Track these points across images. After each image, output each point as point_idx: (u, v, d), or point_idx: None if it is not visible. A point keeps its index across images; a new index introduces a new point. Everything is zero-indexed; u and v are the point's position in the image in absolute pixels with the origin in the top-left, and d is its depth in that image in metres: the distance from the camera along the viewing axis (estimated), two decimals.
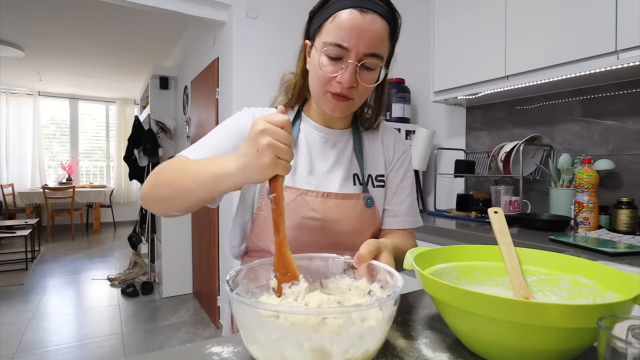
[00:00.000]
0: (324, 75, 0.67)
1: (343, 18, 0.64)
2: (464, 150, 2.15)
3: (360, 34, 0.63)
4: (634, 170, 1.49)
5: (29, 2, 3.24)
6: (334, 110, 0.71)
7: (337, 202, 0.74)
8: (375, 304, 0.40)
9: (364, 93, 0.71)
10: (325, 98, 0.70)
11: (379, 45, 0.66)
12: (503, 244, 0.60)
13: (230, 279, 0.47)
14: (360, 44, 0.64)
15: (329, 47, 0.65)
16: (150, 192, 0.64)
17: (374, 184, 0.80)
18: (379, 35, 0.65)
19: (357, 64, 0.65)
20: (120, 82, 6.06)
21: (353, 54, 0.64)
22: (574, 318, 0.37)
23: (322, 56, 0.66)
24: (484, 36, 1.69)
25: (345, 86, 0.66)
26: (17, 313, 2.89)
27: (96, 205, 6.29)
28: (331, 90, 0.68)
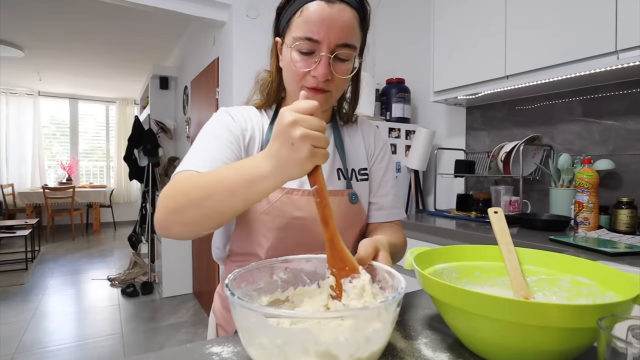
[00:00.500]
0: (298, 71, 0.65)
1: (311, 11, 0.62)
2: (464, 150, 2.15)
3: (329, 25, 0.62)
4: (634, 170, 1.49)
5: (29, 2, 3.24)
6: None
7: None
8: (381, 306, 0.39)
9: (341, 85, 0.69)
10: (300, 93, 0.69)
11: (350, 35, 0.64)
12: (503, 244, 0.60)
13: (230, 283, 0.45)
14: (330, 35, 0.62)
15: (299, 41, 0.64)
16: (174, 217, 0.56)
17: (357, 178, 0.79)
18: (349, 25, 0.63)
19: (330, 56, 0.63)
20: (120, 82, 6.06)
21: (325, 46, 0.63)
22: (574, 318, 0.37)
23: (294, 52, 0.65)
24: (484, 36, 1.69)
25: (321, 80, 0.65)
26: (17, 313, 2.89)
27: (96, 205, 6.29)
28: (307, 85, 0.66)
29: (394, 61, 2.65)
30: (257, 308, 0.39)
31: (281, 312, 0.39)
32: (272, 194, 0.69)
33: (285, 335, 0.38)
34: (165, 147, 4.15)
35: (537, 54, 1.48)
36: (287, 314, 0.39)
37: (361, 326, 0.38)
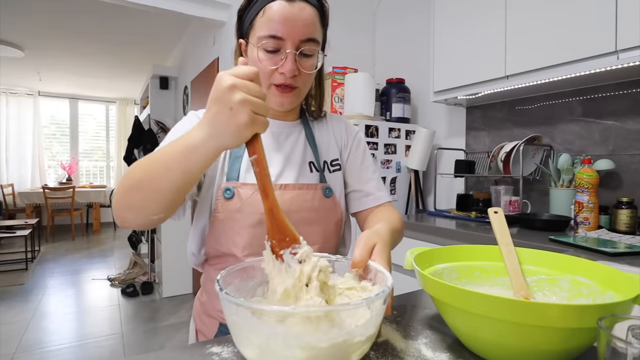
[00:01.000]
0: (265, 69, 0.67)
1: (273, 10, 0.65)
2: (464, 150, 2.15)
3: (292, 22, 0.64)
4: (634, 170, 1.49)
5: (29, 2, 3.24)
6: (282, 103, 0.71)
7: (295, 193, 0.72)
8: (363, 303, 0.40)
9: (307, 80, 0.71)
10: (270, 92, 0.70)
11: (312, 30, 0.67)
12: (503, 244, 0.60)
13: (222, 278, 0.45)
14: (294, 32, 0.65)
15: (264, 40, 0.65)
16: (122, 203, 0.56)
17: (330, 170, 0.80)
18: (310, 21, 0.66)
19: (296, 52, 0.66)
20: (120, 82, 6.06)
21: (289, 43, 0.65)
22: (574, 318, 0.37)
23: (260, 51, 0.67)
24: (484, 36, 1.69)
25: (288, 75, 0.66)
26: (17, 313, 2.89)
27: (96, 205, 6.29)
28: (275, 82, 0.68)
29: (394, 61, 2.65)
30: (242, 302, 0.39)
31: (263, 307, 0.39)
32: (244, 190, 0.69)
33: (268, 330, 0.38)
34: None
35: (537, 54, 1.48)
36: (270, 308, 0.39)
37: (343, 322, 0.39)
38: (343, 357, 0.40)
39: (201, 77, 3.13)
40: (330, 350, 0.38)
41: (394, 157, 2.16)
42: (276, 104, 0.71)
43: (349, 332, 0.39)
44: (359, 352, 0.42)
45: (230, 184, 0.70)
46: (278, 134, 0.77)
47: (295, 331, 0.38)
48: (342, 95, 2.23)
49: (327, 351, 0.38)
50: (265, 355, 0.39)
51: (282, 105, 0.72)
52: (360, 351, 0.42)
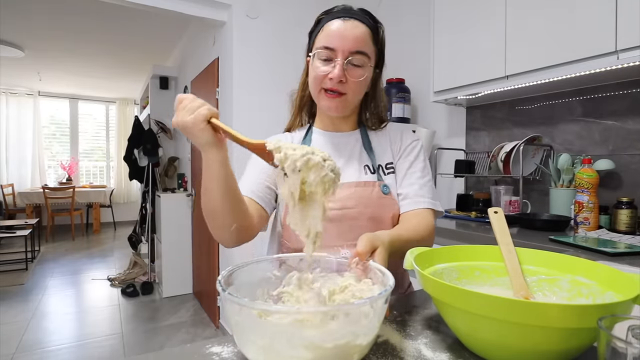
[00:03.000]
0: (318, 75, 0.77)
1: (330, 27, 0.77)
2: (464, 150, 2.15)
3: (343, 36, 0.75)
4: (634, 170, 1.49)
5: (29, 2, 3.24)
6: (330, 107, 0.79)
7: (353, 190, 0.79)
8: (367, 302, 0.40)
9: (355, 88, 0.78)
10: (320, 96, 0.79)
11: (362, 44, 0.76)
12: (503, 244, 0.60)
13: (223, 279, 0.46)
14: (344, 44, 0.75)
15: (319, 50, 0.77)
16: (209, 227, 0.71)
17: (385, 172, 0.86)
18: (360, 36, 0.76)
19: (344, 61, 0.75)
20: (120, 82, 6.06)
21: (339, 53, 0.75)
22: (574, 318, 0.37)
23: (315, 60, 0.78)
24: (484, 36, 1.69)
25: (336, 80, 0.75)
26: (17, 313, 2.89)
27: (96, 205, 6.29)
28: (325, 87, 0.77)
29: (394, 61, 2.64)
30: (244, 302, 0.39)
31: (267, 307, 0.40)
32: None
33: (272, 330, 0.39)
34: (165, 147, 4.15)
35: (537, 54, 1.48)
36: (273, 308, 0.40)
37: (348, 320, 0.39)
38: (346, 357, 0.40)
39: (201, 77, 3.13)
40: (334, 351, 0.39)
41: None
42: (326, 107, 0.80)
43: (353, 332, 0.39)
44: (361, 352, 0.42)
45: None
46: (337, 143, 0.87)
47: (300, 331, 0.39)
48: None
49: (331, 351, 0.38)
50: (269, 355, 0.39)
51: (330, 109, 0.80)
52: (362, 350, 0.42)
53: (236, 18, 2.37)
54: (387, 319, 0.59)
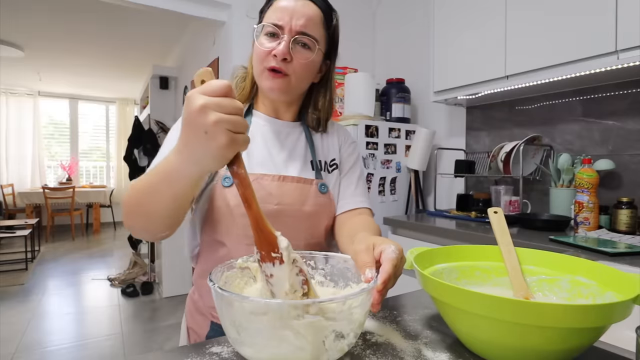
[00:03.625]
0: (262, 51, 0.71)
1: (279, 3, 0.72)
2: (464, 150, 2.15)
3: (292, 14, 0.70)
4: (634, 170, 1.49)
5: (29, 2, 3.24)
6: (273, 88, 0.73)
7: (294, 186, 0.75)
8: (342, 299, 0.41)
9: (300, 70, 0.72)
10: (263, 76, 0.73)
11: (311, 26, 0.71)
12: (503, 244, 0.60)
13: (213, 274, 0.47)
14: (292, 22, 0.70)
15: (266, 26, 0.71)
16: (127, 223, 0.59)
17: (329, 170, 0.82)
18: (310, 17, 0.71)
19: (291, 38, 0.70)
20: (120, 82, 6.06)
21: (286, 30, 0.70)
22: (574, 318, 0.37)
23: (261, 36, 0.72)
24: (484, 36, 1.69)
25: (280, 57, 0.69)
26: (17, 313, 2.89)
27: (96, 205, 6.29)
28: (268, 65, 0.71)
29: (394, 61, 2.65)
30: (232, 296, 0.40)
31: (254, 300, 0.40)
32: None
33: (259, 323, 0.40)
34: None
35: (537, 53, 1.48)
36: (258, 301, 0.41)
37: (333, 314, 0.41)
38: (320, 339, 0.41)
39: None
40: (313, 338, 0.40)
41: (394, 157, 2.16)
42: (267, 88, 0.74)
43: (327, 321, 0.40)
44: (339, 342, 0.43)
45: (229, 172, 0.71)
46: (278, 132, 0.80)
47: (282, 323, 0.40)
48: (342, 95, 2.23)
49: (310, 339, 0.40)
50: (260, 350, 0.41)
51: (273, 91, 0.73)
52: (340, 340, 0.43)
53: (236, 18, 2.37)
54: (387, 318, 0.59)
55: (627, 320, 0.40)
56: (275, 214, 0.72)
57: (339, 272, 0.58)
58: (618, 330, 0.47)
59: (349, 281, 0.57)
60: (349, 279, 0.57)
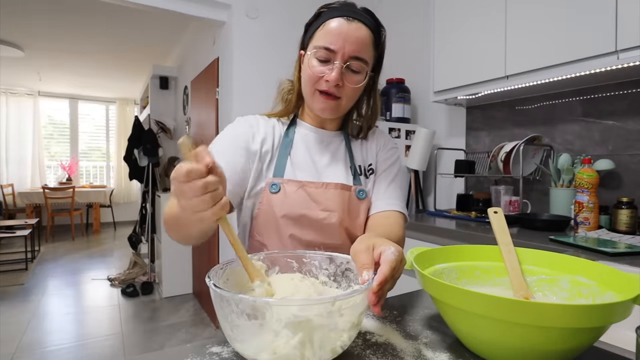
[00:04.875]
0: (314, 75, 0.73)
1: (332, 25, 0.72)
2: (464, 150, 2.15)
3: (346, 38, 0.71)
4: (634, 170, 1.49)
5: (29, 2, 3.24)
6: (323, 109, 0.76)
7: (337, 192, 0.78)
8: (331, 299, 0.41)
9: (351, 94, 0.75)
10: (314, 97, 0.75)
11: (363, 49, 0.72)
12: (503, 244, 0.60)
13: (213, 271, 0.48)
14: (345, 47, 0.71)
15: (318, 50, 0.72)
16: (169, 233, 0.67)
17: (366, 174, 0.85)
18: (362, 40, 0.72)
19: (343, 64, 0.71)
20: (120, 82, 6.06)
21: (339, 56, 0.71)
22: (574, 318, 0.37)
23: (312, 58, 0.73)
24: (484, 36, 1.69)
25: (332, 84, 0.71)
26: (17, 313, 2.89)
27: (96, 205, 6.29)
28: (319, 88, 0.74)
29: (394, 61, 2.65)
30: (229, 295, 0.41)
31: (253, 299, 0.41)
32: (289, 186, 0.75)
33: (258, 320, 0.41)
34: (165, 147, 4.15)
35: (537, 54, 1.48)
36: (260, 300, 0.42)
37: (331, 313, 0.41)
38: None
39: (201, 77, 3.13)
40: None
41: None
42: (318, 109, 0.76)
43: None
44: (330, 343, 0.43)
45: (277, 179, 0.76)
46: (320, 140, 0.84)
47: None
48: None
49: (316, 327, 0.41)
50: (261, 350, 0.41)
51: (323, 112, 0.76)
52: (332, 341, 0.43)
53: (236, 18, 2.37)
54: (387, 318, 0.59)
55: (627, 320, 0.40)
56: (321, 220, 0.76)
57: (342, 273, 0.58)
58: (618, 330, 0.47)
59: (352, 282, 0.57)
60: (352, 280, 0.57)
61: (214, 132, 2.65)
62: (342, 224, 0.78)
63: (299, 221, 0.75)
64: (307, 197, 0.76)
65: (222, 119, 2.58)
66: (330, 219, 0.76)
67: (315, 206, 0.76)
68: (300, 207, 0.75)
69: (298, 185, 0.76)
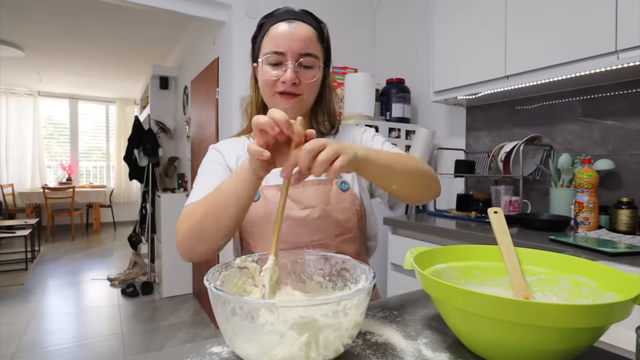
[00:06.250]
0: (269, 80, 0.76)
1: (276, 31, 0.76)
2: (464, 150, 2.15)
3: (290, 38, 0.74)
4: (634, 170, 1.49)
5: (29, 2, 3.24)
6: (287, 109, 0.76)
7: (315, 188, 0.79)
8: (358, 293, 0.42)
9: (309, 88, 0.78)
10: (275, 100, 0.78)
11: (310, 45, 0.76)
12: (503, 244, 0.60)
13: (210, 274, 0.48)
14: (292, 46, 0.74)
15: (268, 55, 0.75)
16: (188, 238, 0.67)
17: None
18: (307, 37, 0.75)
19: (295, 63, 0.74)
20: (120, 82, 6.06)
21: (289, 56, 0.74)
22: (574, 318, 0.37)
23: (265, 65, 0.76)
24: (484, 36, 1.69)
25: (289, 83, 0.74)
26: (17, 313, 2.89)
27: (96, 205, 6.29)
28: (278, 90, 0.76)
29: (394, 61, 2.65)
30: (233, 297, 0.41)
31: (253, 301, 0.42)
32: (268, 192, 0.78)
33: (260, 321, 0.41)
34: (165, 147, 4.15)
35: (537, 54, 1.48)
36: (259, 302, 0.42)
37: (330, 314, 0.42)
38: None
39: (201, 77, 3.13)
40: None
41: None
42: (282, 109, 0.75)
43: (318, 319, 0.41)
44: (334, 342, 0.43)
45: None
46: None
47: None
48: (342, 95, 2.23)
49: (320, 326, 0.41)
50: (262, 348, 0.41)
51: (287, 111, 0.74)
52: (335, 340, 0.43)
53: (236, 18, 2.37)
54: (386, 318, 0.59)
55: (627, 320, 0.40)
56: (304, 218, 0.77)
57: (337, 273, 0.58)
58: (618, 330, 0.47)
59: (348, 282, 0.57)
60: (348, 280, 0.57)
61: (214, 132, 2.65)
62: (326, 217, 0.78)
63: (283, 223, 0.75)
64: (287, 199, 0.76)
65: (222, 119, 2.58)
66: (313, 215, 0.77)
67: (296, 206, 0.77)
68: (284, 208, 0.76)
69: (277, 189, 0.78)
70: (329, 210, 0.79)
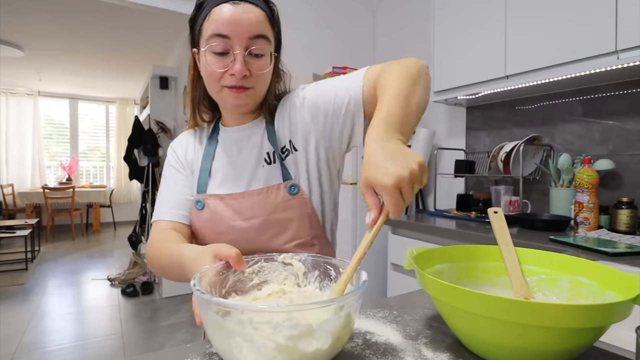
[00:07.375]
0: (215, 72, 0.65)
1: (219, 13, 0.63)
2: (464, 150, 2.15)
3: (238, 22, 0.63)
4: (634, 170, 1.49)
5: (29, 2, 3.24)
6: (238, 105, 0.69)
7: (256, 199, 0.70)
8: (329, 304, 0.41)
9: (261, 80, 0.69)
10: (223, 94, 0.68)
11: (260, 27, 0.65)
12: (503, 244, 0.60)
13: (198, 276, 0.47)
14: (240, 31, 0.63)
15: (211, 40, 0.64)
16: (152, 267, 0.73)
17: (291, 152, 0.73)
18: (257, 20, 0.64)
19: (245, 52, 0.64)
20: (120, 82, 6.06)
21: (237, 43, 0.64)
22: (574, 318, 0.37)
23: (208, 54, 0.65)
24: (484, 36, 1.69)
25: (239, 76, 0.64)
26: (17, 313, 2.89)
27: (96, 205, 6.29)
28: (226, 84, 0.66)
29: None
30: (215, 300, 0.40)
31: (239, 305, 0.40)
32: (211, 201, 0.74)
33: (245, 327, 0.40)
34: (165, 147, 4.15)
35: (537, 53, 1.48)
36: (247, 306, 0.40)
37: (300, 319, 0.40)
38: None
39: None
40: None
41: None
42: (232, 106, 0.70)
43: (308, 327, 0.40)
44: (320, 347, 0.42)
45: (200, 196, 0.74)
46: (240, 137, 0.76)
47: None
48: None
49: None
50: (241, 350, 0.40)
51: (239, 107, 0.70)
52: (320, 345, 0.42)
53: None
54: (386, 318, 0.59)
55: (627, 320, 0.40)
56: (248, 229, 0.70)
57: (322, 273, 0.58)
58: (618, 330, 0.47)
59: (327, 278, 0.58)
60: (333, 279, 0.57)
61: None
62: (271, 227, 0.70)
63: (229, 234, 0.72)
64: (229, 209, 0.71)
65: None
66: (254, 225, 0.70)
67: (238, 217, 0.71)
68: (228, 219, 0.72)
69: (218, 199, 0.72)
70: (275, 219, 0.70)
